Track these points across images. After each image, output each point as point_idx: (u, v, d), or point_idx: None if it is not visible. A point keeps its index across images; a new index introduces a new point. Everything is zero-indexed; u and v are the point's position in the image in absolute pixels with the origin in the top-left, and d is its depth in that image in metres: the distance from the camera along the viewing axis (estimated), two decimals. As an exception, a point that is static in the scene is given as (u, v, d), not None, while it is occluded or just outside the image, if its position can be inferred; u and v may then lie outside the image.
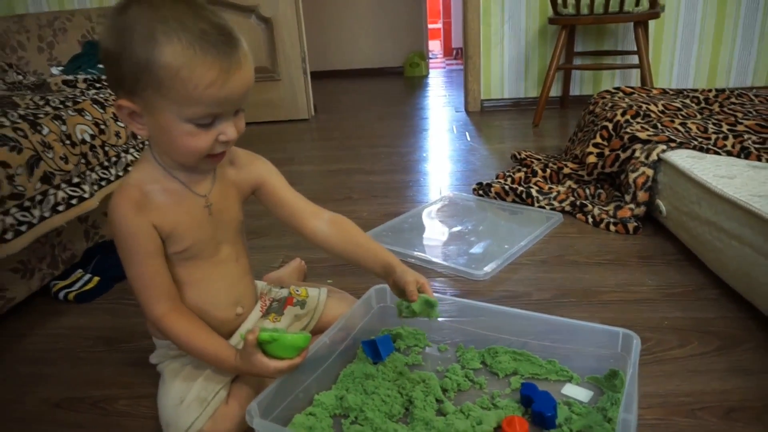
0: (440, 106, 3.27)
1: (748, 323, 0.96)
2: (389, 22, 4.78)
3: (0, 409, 0.87)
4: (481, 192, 1.65)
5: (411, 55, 4.73)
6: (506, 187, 1.60)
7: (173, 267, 0.75)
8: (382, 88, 4.10)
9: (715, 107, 1.68)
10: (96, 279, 1.23)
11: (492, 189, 1.62)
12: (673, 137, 1.37)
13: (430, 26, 5.16)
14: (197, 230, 0.75)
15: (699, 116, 1.58)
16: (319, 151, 2.41)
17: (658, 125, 1.48)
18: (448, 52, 6.38)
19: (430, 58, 5.38)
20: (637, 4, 2.26)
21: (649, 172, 1.35)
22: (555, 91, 2.86)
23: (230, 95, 0.64)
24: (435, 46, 6.60)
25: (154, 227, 0.71)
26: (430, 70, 4.98)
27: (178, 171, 0.73)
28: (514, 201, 1.57)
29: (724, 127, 1.44)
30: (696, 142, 1.34)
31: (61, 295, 1.18)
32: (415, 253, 1.29)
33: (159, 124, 0.66)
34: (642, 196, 1.35)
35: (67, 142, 1.14)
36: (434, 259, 1.26)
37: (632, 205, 1.37)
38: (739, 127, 1.42)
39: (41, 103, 1.19)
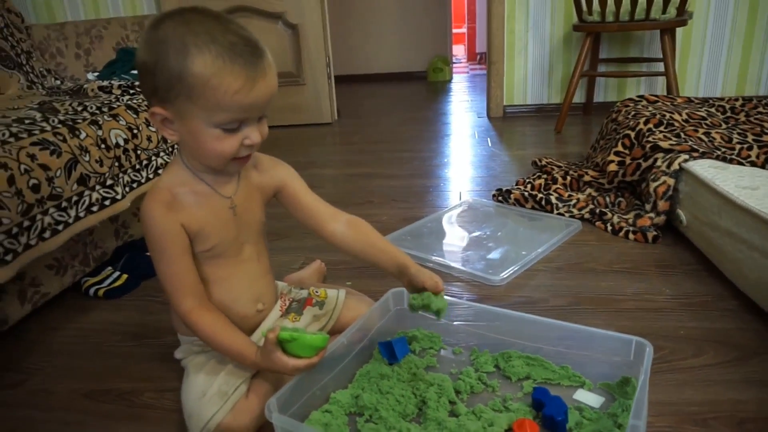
0: (463, 111, 3.28)
1: (765, 335, 0.95)
2: (414, 27, 4.80)
3: (33, 397, 0.92)
4: (500, 198, 1.66)
5: (435, 60, 4.75)
6: (526, 193, 1.61)
7: (200, 265, 0.79)
8: (405, 93, 4.13)
9: (741, 116, 1.66)
10: (124, 276, 1.28)
11: (512, 195, 1.63)
12: (695, 147, 1.37)
13: (454, 31, 5.17)
14: (222, 230, 0.79)
15: (724, 126, 1.56)
16: (341, 154, 2.45)
17: (681, 134, 1.47)
18: (472, 56, 6.37)
19: (454, 63, 5.39)
20: (664, 11, 2.25)
21: (671, 181, 1.34)
22: (578, 98, 2.84)
23: (255, 102, 0.68)
24: (459, 50, 6.60)
25: (182, 227, 0.75)
26: (454, 75, 4.99)
27: (206, 174, 0.77)
28: (533, 208, 1.58)
29: (749, 137, 1.42)
30: (719, 152, 1.34)
31: (91, 291, 1.23)
32: (434, 257, 1.31)
33: (189, 130, 0.70)
34: (662, 205, 1.35)
35: (103, 145, 1.19)
36: (452, 264, 1.28)
37: (652, 214, 1.37)
38: (765, 138, 1.41)
39: (79, 108, 1.25)
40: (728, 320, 1.00)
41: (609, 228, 1.42)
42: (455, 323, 0.96)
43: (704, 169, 1.25)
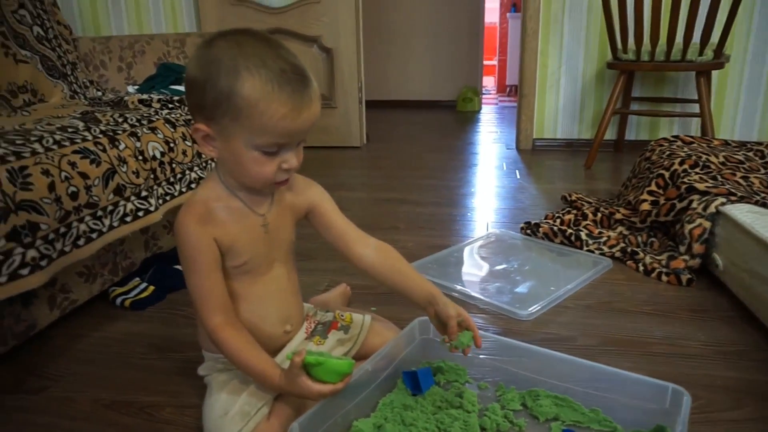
0: (491, 142, 3.28)
1: (808, 391, 0.91)
2: (445, 57, 4.86)
3: (55, 404, 0.92)
4: (529, 231, 1.64)
5: (464, 90, 4.78)
6: (555, 228, 1.58)
7: (230, 280, 0.79)
8: (434, 121, 4.15)
9: (780, 162, 1.62)
10: (151, 288, 1.29)
11: (540, 229, 1.61)
12: (733, 190, 1.34)
13: (485, 62, 5.22)
14: (254, 246, 0.80)
15: (763, 171, 1.53)
16: (368, 179, 2.46)
17: (718, 177, 1.44)
18: (501, 88, 6.41)
19: (483, 94, 5.42)
20: (701, 53, 2.23)
21: (707, 224, 1.31)
22: (610, 135, 2.82)
23: (299, 128, 0.70)
24: (489, 82, 6.65)
25: (215, 241, 0.76)
26: (483, 106, 5.01)
27: (240, 191, 0.79)
28: (562, 243, 1.56)
29: (789, 183, 1.39)
30: (758, 198, 1.30)
31: (118, 301, 1.25)
32: (459, 287, 1.30)
33: (230, 149, 0.72)
34: (698, 248, 1.32)
35: (140, 157, 1.21)
36: (478, 296, 1.26)
37: (687, 257, 1.33)
38: (806, 184, 1.37)
39: (120, 120, 1.28)
40: (767, 372, 0.96)
41: (641, 268, 1.38)
42: (481, 356, 0.94)
43: (743, 213, 1.22)
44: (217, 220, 0.77)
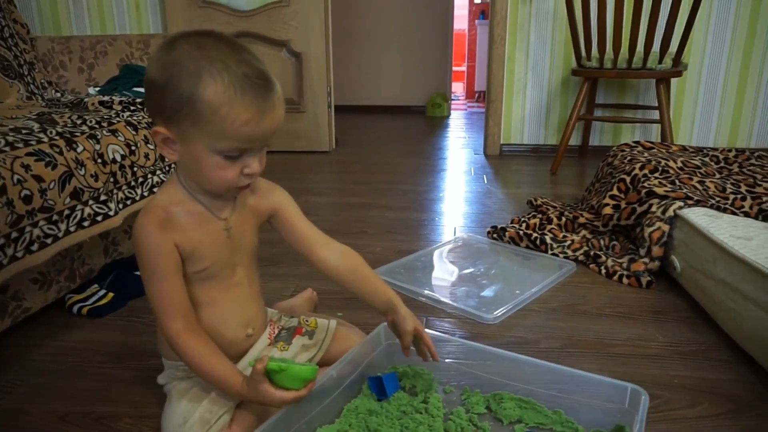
0: (459, 147, 3.31)
1: (760, 388, 0.94)
2: (415, 63, 4.89)
3: (6, 418, 0.88)
4: (495, 235, 1.66)
5: (434, 96, 4.82)
6: (521, 232, 1.61)
7: (191, 286, 0.77)
8: (403, 126, 4.17)
9: (735, 167, 1.69)
10: (110, 295, 1.25)
11: (506, 233, 1.63)
12: (690, 195, 1.38)
13: (454, 69, 5.27)
14: (216, 251, 0.78)
15: (718, 175, 1.58)
16: (336, 183, 2.45)
17: (676, 182, 1.49)
18: (470, 94, 6.48)
19: (453, 100, 5.47)
20: (661, 61, 2.30)
21: (665, 227, 1.35)
22: (574, 140, 2.88)
23: (261, 134, 0.69)
24: (458, 88, 6.72)
25: (175, 246, 0.74)
26: (452, 111, 5.06)
27: (202, 195, 0.77)
28: (527, 247, 1.58)
29: (743, 188, 1.44)
30: (713, 201, 1.35)
31: (75, 308, 1.20)
32: (426, 292, 1.30)
33: (191, 153, 0.70)
34: (657, 251, 1.35)
35: (99, 160, 1.18)
36: (444, 300, 1.26)
37: (646, 259, 1.37)
38: (758, 189, 1.42)
39: (79, 121, 1.24)
40: (722, 371, 0.99)
41: (603, 271, 1.41)
42: (447, 361, 0.94)
43: (699, 217, 1.25)
44: (178, 225, 0.75)
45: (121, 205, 1.24)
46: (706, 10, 2.62)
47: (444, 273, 1.46)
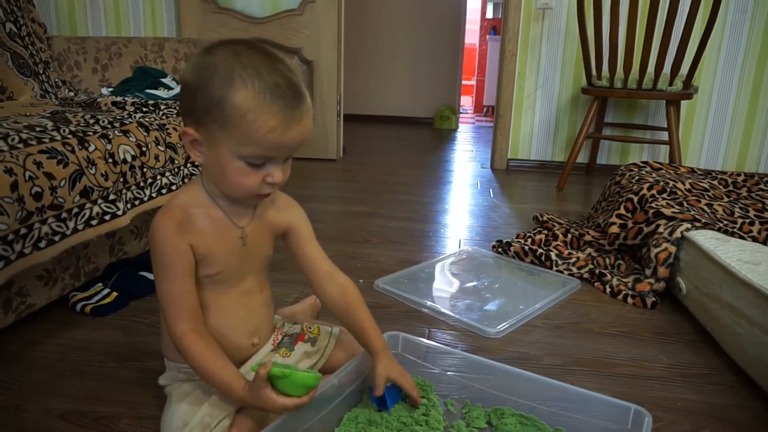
0: (466, 160, 3.32)
1: (764, 414, 0.93)
2: (425, 75, 4.92)
3: (4, 414, 0.88)
4: (500, 250, 1.65)
5: (442, 108, 4.84)
6: (526, 247, 1.60)
7: (201, 290, 0.77)
8: (411, 137, 4.18)
9: (743, 191, 1.68)
10: (114, 294, 1.25)
11: (511, 248, 1.62)
12: (698, 217, 1.37)
13: (463, 82, 5.29)
14: (229, 258, 0.78)
15: (726, 199, 1.58)
16: (343, 192, 2.45)
17: (684, 203, 1.48)
18: (478, 108, 6.51)
19: (461, 113, 5.49)
20: (671, 83, 2.31)
21: (672, 248, 1.34)
22: (582, 158, 2.88)
23: (286, 143, 0.69)
24: (466, 101, 6.75)
25: (191, 247, 0.74)
26: (460, 125, 5.07)
27: (222, 200, 0.77)
28: (532, 262, 1.57)
29: (751, 213, 1.43)
30: (721, 225, 1.34)
31: (78, 306, 1.21)
32: (429, 303, 1.30)
33: (216, 156, 0.71)
34: (663, 271, 1.35)
35: (110, 160, 1.19)
36: (447, 312, 1.26)
37: (652, 280, 1.36)
38: (767, 214, 1.42)
39: (92, 121, 1.25)
40: (726, 395, 0.98)
41: (608, 290, 1.41)
42: (448, 373, 0.94)
43: (706, 239, 1.25)
44: (196, 227, 0.75)
45: (129, 205, 1.25)
46: (718, 34, 2.63)
47: (447, 285, 1.46)
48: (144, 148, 1.31)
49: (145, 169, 1.30)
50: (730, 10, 2.61)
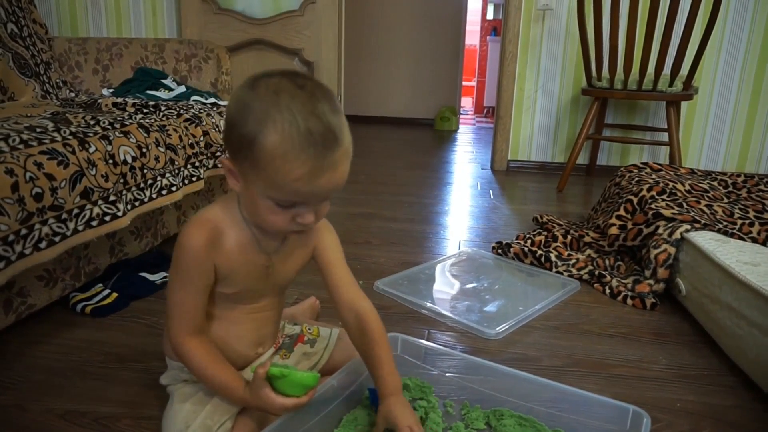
0: (466, 161, 3.32)
1: (764, 415, 0.93)
2: (425, 76, 4.92)
3: (5, 414, 0.88)
4: (500, 251, 1.65)
5: (443, 109, 4.84)
6: (525, 248, 1.60)
7: (214, 303, 0.78)
8: (411, 138, 4.18)
9: (743, 192, 1.68)
10: (114, 295, 1.25)
11: (511, 249, 1.62)
12: (697, 218, 1.38)
13: (464, 83, 5.30)
14: (250, 281, 0.78)
15: (726, 200, 1.58)
16: (343, 192, 2.45)
17: (684, 204, 1.48)
18: (479, 109, 6.51)
19: (461, 114, 5.50)
20: (671, 84, 2.31)
21: (671, 249, 1.34)
22: (582, 159, 2.89)
23: (314, 192, 0.66)
24: (467, 102, 6.75)
25: (215, 266, 0.74)
26: (460, 126, 5.08)
27: (254, 226, 0.76)
28: (532, 263, 1.58)
29: (751, 214, 1.43)
30: (721, 226, 1.34)
31: (79, 307, 1.21)
32: (429, 304, 1.30)
33: (247, 191, 0.70)
34: (662, 272, 1.35)
35: (110, 161, 1.19)
36: (446, 313, 1.26)
37: (651, 281, 1.36)
38: (766, 215, 1.42)
39: (92, 122, 1.25)
40: (726, 396, 0.98)
41: (607, 291, 1.41)
42: (447, 374, 0.94)
43: (706, 240, 1.25)
44: (224, 246, 0.74)
45: (129, 206, 1.25)
46: (718, 35, 2.63)
47: (447, 286, 1.46)
48: (144, 150, 1.31)
49: (145, 171, 1.30)
50: (731, 10, 2.61)
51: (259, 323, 0.83)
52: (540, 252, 1.58)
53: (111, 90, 1.93)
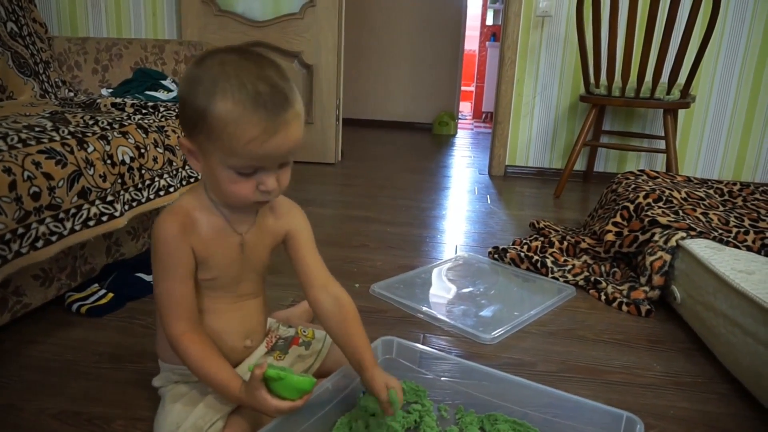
0: (464, 166, 3.32)
1: (757, 423, 0.94)
2: (424, 80, 4.94)
3: (-1, 412, 0.88)
4: (496, 256, 1.66)
5: (441, 114, 4.85)
6: (522, 254, 1.61)
7: (197, 293, 0.77)
8: (410, 143, 4.19)
9: (739, 201, 1.69)
10: (110, 295, 1.25)
11: (507, 254, 1.63)
12: (693, 226, 1.38)
13: (462, 88, 5.31)
14: (227, 264, 0.79)
15: (721, 208, 1.59)
16: (340, 196, 2.46)
17: (680, 212, 1.49)
18: (477, 114, 6.52)
19: (460, 119, 5.50)
20: (669, 92, 2.32)
21: (667, 257, 1.35)
22: (579, 165, 2.90)
23: (271, 152, 0.68)
24: (465, 107, 6.76)
25: (192, 250, 0.75)
26: (458, 130, 5.09)
27: (223, 207, 0.78)
28: (528, 269, 1.58)
29: (746, 222, 1.44)
30: (716, 233, 1.35)
31: (74, 307, 1.21)
32: (424, 309, 1.30)
33: (208, 166, 0.71)
34: (657, 279, 1.35)
35: (109, 161, 1.19)
36: (442, 318, 1.26)
37: (647, 288, 1.37)
38: (761, 224, 1.43)
39: (91, 122, 1.26)
40: (719, 404, 0.99)
41: (603, 297, 1.41)
42: (442, 379, 0.94)
43: (701, 248, 1.26)
44: (197, 231, 0.76)
45: (126, 207, 1.25)
46: (716, 43, 2.65)
47: (443, 291, 1.46)
48: (142, 150, 1.31)
49: (143, 171, 1.31)
50: (728, 19, 2.63)
51: (245, 314, 0.83)
52: (536, 257, 1.58)
53: (110, 90, 1.93)
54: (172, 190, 1.40)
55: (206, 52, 0.71)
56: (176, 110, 1.61)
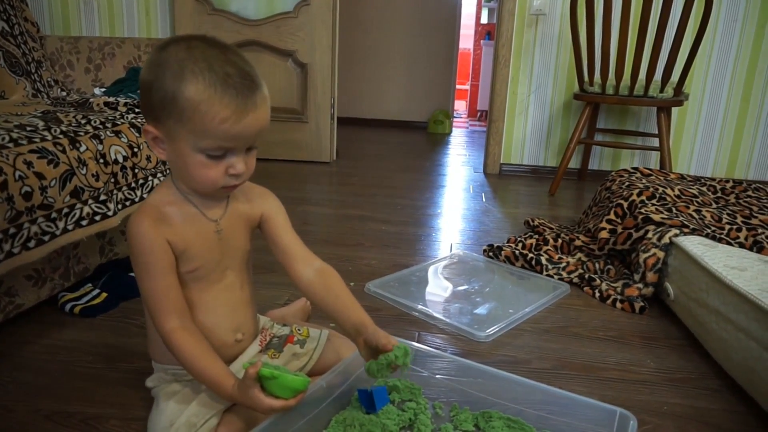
0: (459, 164, 3.33)
1: (749, 419, 0.94)
2: (419, 79, 4.94)
3: (-8, 413, 0.87)
4: (491, 254, 1.66)
5: (436, 113, 4.85)
6: (516, 252, 1.61)
7: (183, 287, 0.77)
8: (405, 141, 4.19)
9: (731, 198, 1.70)
10: (103, 295, 1.25)
11: (502, 252, 1.63)
12: (686, 223, 1.39)
13: (457, 87, 5.31)
14: (207, 252, 0.79)
15: (714, 205, 1.59)
16: (335, 194, 2.45)
17: (673, 209, 1.50)
18: (472, 113, 6.53)
19: (455, 117, 5.51)
20: (662, 90, 2.33)
21: (660, 254, 1.36)
22: (574, 163, 2.90)
23: (241, 133, 0.69)
24: (460, 106, 6.77)
25: (168, 243, 0.75)
26: (454, 129, 5.09)
27: (194, 196, 0.78)
28: (522, 267, 1.58)
29: (739, 219, 1.45)
30: (709, 230, 1.36)
31: (68, 307, 1.20)
32: (420, 307, 1.30)
33: (177, 152, 0.72)
34: (651, 276, 1.36)
35: (101, 160, 1.18)
36: (437, 316, 1.27)
37: (640, 285, 1.37)
38: (754, 221, 1.43)
39: (83, 121, 1.25)
40: (712, 400, 0.99)
41: (597, 294, 1.42)
42: (437, 376, 0.94)
43: (694, 245, 1.26)
44: (171, 223, 0.76)
45: (120, 206, 1.25)
46: (708, 42, 2.66)
47: (438, 289, 1.47)
48: (135, 149, 1.30)
49: (136, 170, 1.30)
50: (721, 18, 2.64)
51: (232, 307, 0.83)
52: (531, 255, 1.58)
53: (103, 89, 1.92)
54: (165, 189, 1.40)
55: (168, 39, 0.72)
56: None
